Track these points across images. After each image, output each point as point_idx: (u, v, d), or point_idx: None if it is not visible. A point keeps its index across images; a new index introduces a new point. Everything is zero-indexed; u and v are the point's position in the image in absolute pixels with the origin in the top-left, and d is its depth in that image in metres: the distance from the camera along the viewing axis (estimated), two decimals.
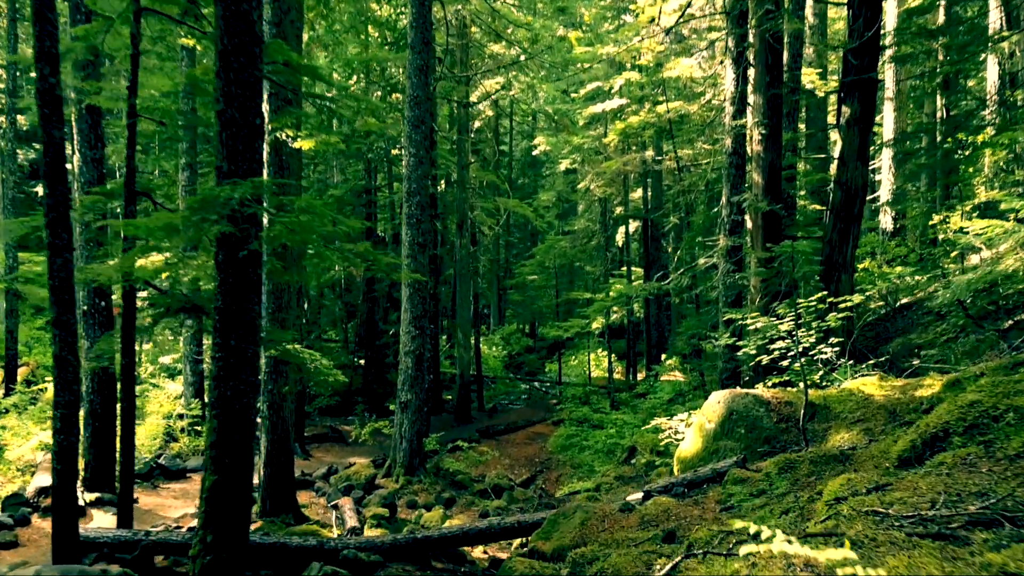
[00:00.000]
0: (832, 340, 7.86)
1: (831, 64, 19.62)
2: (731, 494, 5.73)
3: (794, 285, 10.62)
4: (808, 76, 15.38)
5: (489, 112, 23.95)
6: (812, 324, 7.65)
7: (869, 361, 8.82)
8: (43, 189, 6.50)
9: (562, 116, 24.48)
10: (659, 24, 14.88)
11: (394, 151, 23.26)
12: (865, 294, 11.70)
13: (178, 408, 15.60)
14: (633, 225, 25.39)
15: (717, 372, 12.95)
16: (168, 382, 18.18)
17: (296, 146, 9.20)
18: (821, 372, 8.56)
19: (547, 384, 25.59)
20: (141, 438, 13.64)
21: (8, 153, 18.07)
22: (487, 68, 20.31)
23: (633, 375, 24.06)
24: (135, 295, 7.64)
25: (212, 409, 5.39)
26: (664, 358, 22.49)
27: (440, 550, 7.57)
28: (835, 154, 11.71)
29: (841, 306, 7.81)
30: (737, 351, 9.86)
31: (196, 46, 12.14)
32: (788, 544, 1.69)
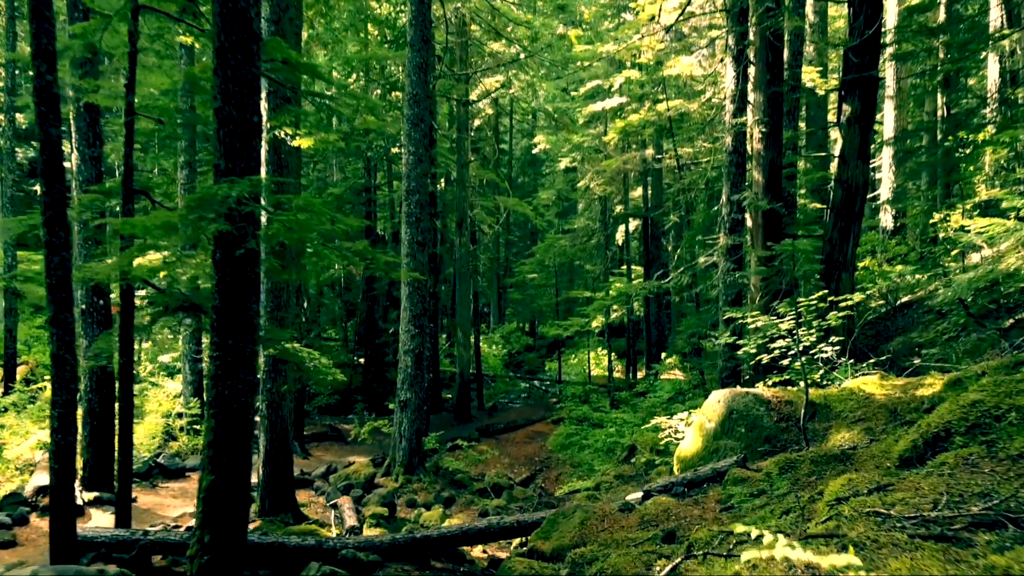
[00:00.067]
0: (833, 339, 7.83)
1: (831, 62, 19.58)
2: (731, 494, 5.70)
3: (794, 284, 10.60)
4: (808, 74, 15.35)
5: (489, 110, 23.91)
6: (812, 323, 7.62)
7: (870, 360, 8.79)
8: (40, 187, 6.47)
9: (562, 114, 24.44)
10: (659, 22, 14.84)
11: (394, 149, 23.22)
12: (866, 293, 11.68)
13: (177, 407, 15.57)
14: (633, 223, 25.36)
15: (717, 371, 12.92)
16: (167, 381, 18.15)
17: (295, 144, 9.17)
18: (822, 371, 8.53)
19: (547, 383, 25.57)
20: (140, 437, 13.61)
21: (7, 151, 18.03)
22: (487, 66, 20.26)
23: (633, 374, 24.03)
24: (133, 294, 7.62)
25: (210, 408, 5.36)
26: (664, 357, 22.47)
27: (439, 549, 7.55)
28: (835, 152, 11.68)
29: (842, 305, 7.78)
30: (737, 350, 9.83)
31: (194, 44, 12.10)
32: (791, 549, 1.66)
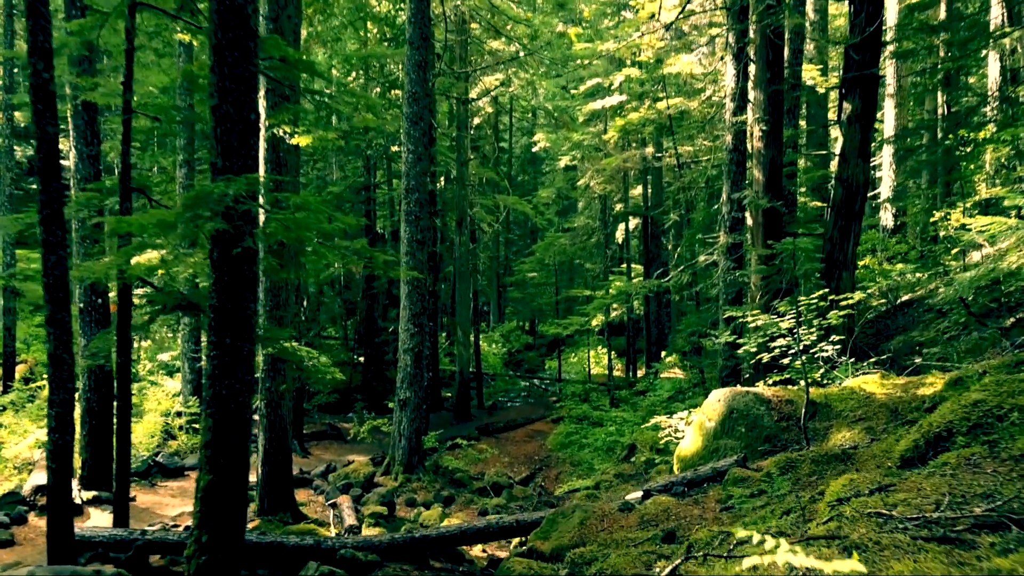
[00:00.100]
0: (833, 338, 7.80)
1: (832, 60, 19.53)
2: (731, 494, 5.67)
3: (795, 282, 10.56)
4: (809, 72, 15.31)
5: (489, 109, 23.86)
6: (813, 322, 7.59)
7: (870, 359, 8.76)
8: (37, 186, 6.43)
9: (562, 113, 24.41)
10: (659, 20, 14.80)
11: (393, 148, 23.18)
12: (867, 291, 11.64)
13: (176, 406, 15.54)
14: (633, 222, 25.32)
15: (717, 370, 12.90)
16: (166, 379, 18.11)
17: (293, 142, 9.13)
18: (822, 370, 8.50)
19: (547, 381, 25.54)
20: (139, 436, 13.58)
21: (5, 149, 17.97)
22: (486, 64, 20.22)
23: (633, 372, 24.01)
24: (131, 292, 7.58)
25: (207, 408, 5.33)
26: (664, 355, 22.45)
27: (438, 549, 7.52)
28: (836, 151, 11.65)
29: (842, 304, 7.75)
30: (737, 349, 9.80)
31: (192, 41, 12.05)
32: (793, 555, 1.63)
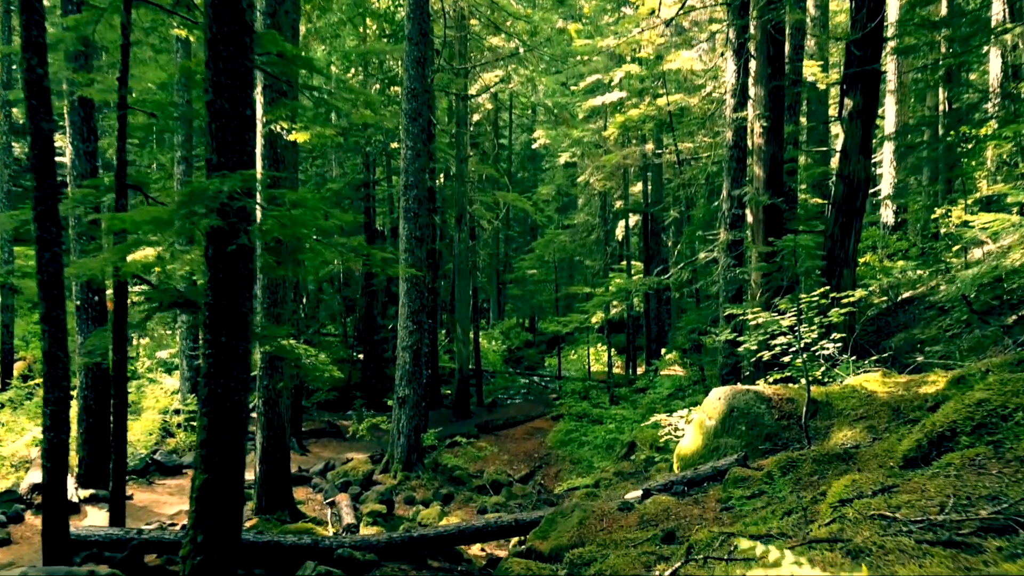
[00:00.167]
0: (834, 336, 7.75)
1: (833, 56, 19.45)
2: (732, 493, 5.62)
3: (796, 280, 10.51)
4: (810, 68, 15.24)
5: (488, 105, 23.78)
6: (814, 319, 7.54)
7: (871, 357, 8.71)
8: (31, 182, 6.37)
9: (562, 109, 24.34)
10: (659, 16, 14.72)
11: (393, 145, 23.10)
12: (868, 289, 11.59)
13: (175, 403, 15.48)
14: (633, 219, 25.25)
15: (717, 367, 12.85)
16: (165, 377, 18.06)
17: (291, 139, 9.06)
18: (823, 368, 8.45)
19: (546, 379, 25.50)
20: (137, 433, 13.53)
21: (3, 146, 17.92)
22: (486, 60, 20.13)
23: (633, 370, 23.96)
24: (127, 290, 7.53)
25: (203, 407, 5.28)
26: (664, 353, 22.40)
27: (436, 548, 7.47)
28: (837, 147, 11.58)
29: (843, 301, 7.70)
30: (738, 346, 9.75)
31: (189, 37, 11.98)
32: (798, 567, 1.58)
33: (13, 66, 19.64)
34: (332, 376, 11.31)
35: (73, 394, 11.18)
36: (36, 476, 10.12)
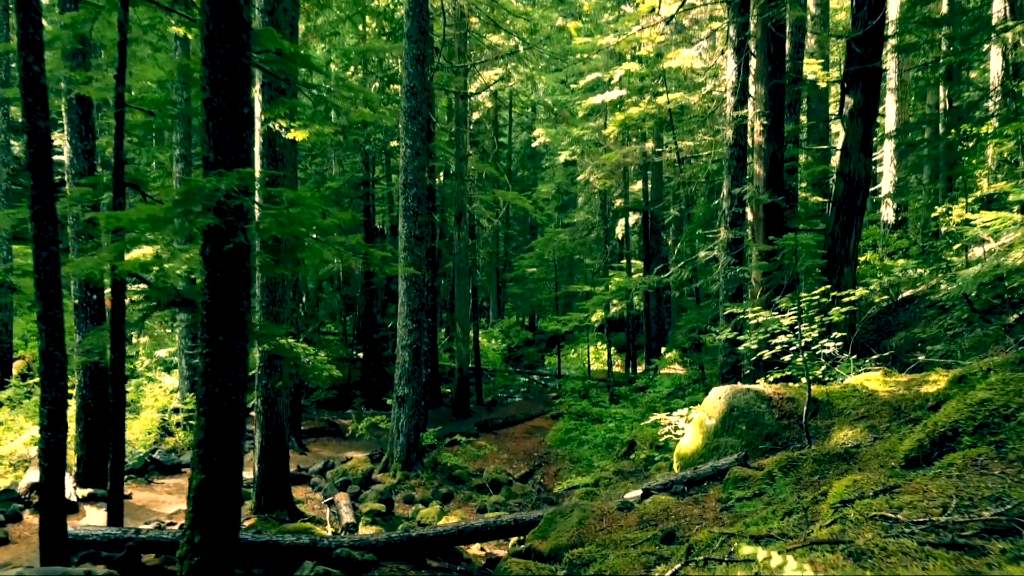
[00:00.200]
0: (835, 334, 7.72)
1: (833, 55, 19.40)
2: (732, 493, 5.59)
3: (796, 278, 10.47)
4: (810, 66, 15.19)
5: (488, 103, 23.73)
6: (814, 318, 7.51)
7: (872, 356, 8.68)
8: (28, 181, 6.34)
9: (561, 107, 24.30)
10: (659, 14, 14.67)
11: (392, 143, 23.06)
12: (868, 288, 11.55)
13: (174, 402, 15.45)
14: (633, 218, 25.21)
15: (717, 366, 12.82)
16: (164, 375, 18.02)
17: (289, 137, 9.02)
18: (824, 367, 8.42)
19: (546, 377, 25.48)
20: (136, 432, 13.50)
21: (1, 144, 17.88)
22: (485, 59, 20.08)
23: (633, 368, 23.94)
24: (124, 289, 7.50)
25: (200, 407, 5.25)
26: (664, 351, 22.37)
27: (435, 548, 7.45)
28: (837, 146, 11.54)
29: (844, 300, 7.67)
30: (738, 345, 9.72)
31: (188, 35, 11.93)
32: (800, 573, 1.55)
33: (12, 64, 19.60)
34: (331, 375, 11.27)
35: (72, 393, 11.17)
36: (34, 475, 10.08)
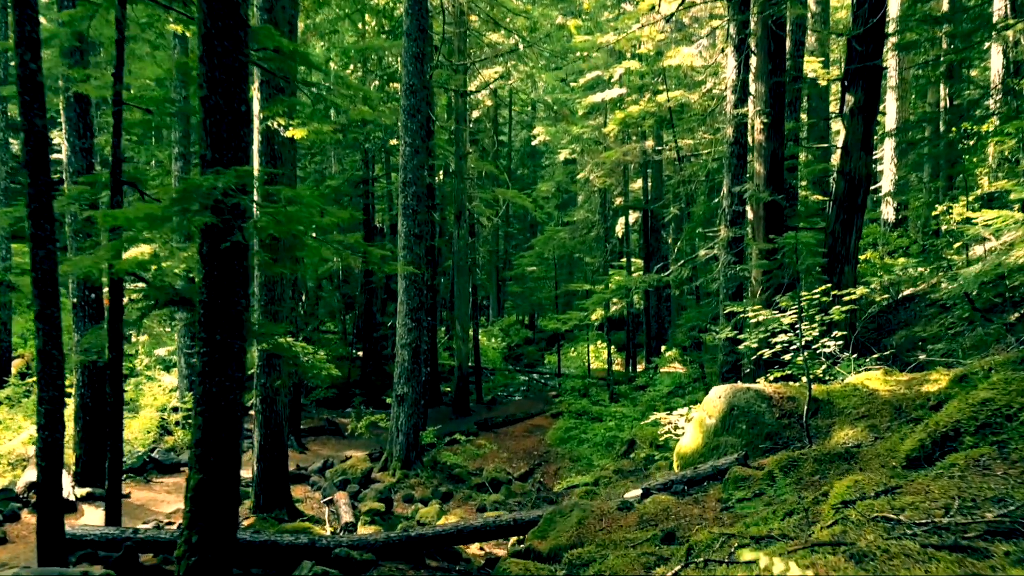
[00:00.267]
0: (835, 333, 7.70)
1: (833, 53, 19.36)
2: (732, 493, 5.56)
3: (796, 277, 10.45)
4: (810, 64, 15.16)
5: (488, 102, 23.69)
6: (815, 317, 7.49)
7: (873, 355, 8.65)
8: (25, 179, 6.31)
9: (561, 105, 24.24)
10: (659, 12, 14.64)
11: (392, 141, 23.01)
12: (869, 286, 11.53)
13: (173, 401, 15.41)
14: (633, 216, 25.18)
15: (717, 365, 12.79)
16: (163, 374, 17.99)
17: (288, 135, 8.99)
18: (824, 366, 8.40)
19: (546, 376, 25.45)
20: (135, 431, 13.48)
21: (1, 143, 17.83)
22: (485, 57, 20.03)
23: (632, 367, 23.91)
24: (122, 287, 7.46)
25: (197, 406, 5.22)
26: (664, 350, 22.35)
27: (435, 548, 7.43)
28: (837, 144, 11.52)
29: (845, 299, 7.65)
30: (738, 344, 9.69)
31: (186, 33, 11.90)
32: None
33: (11, 63, 19.57)
34: (330, 374, 11.24)
35: (70, 392, 11.14)
36: (33, 474, 10.06)
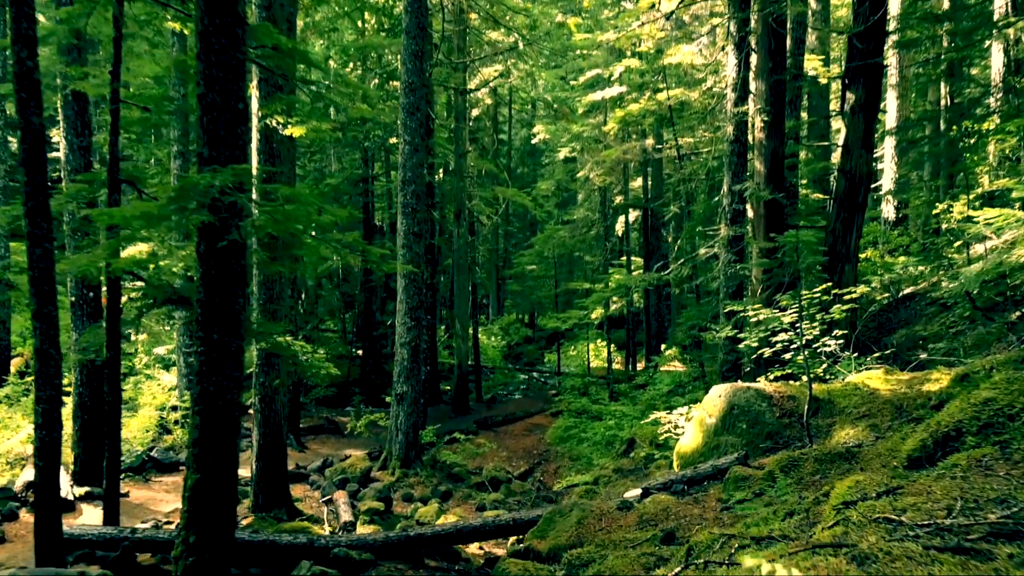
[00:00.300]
0: (836, 332, 7.67)
1: (834, 51, 19.32)
2: (733, 494, 5.54)
3: (797, 276, 10.42)
4: (811, 62, 15.11)
5: (488, 100, 23.64)
6: (815, 316, 7.46)
7: (873, 354, 8.62)
8: (22, 177, 6.29)
9: (561, 104, 24.19)
10: (659, 10, 14.61)
11: (391, 139, 22.98)
12: (870, 285, 11.50)
13: (172, 400, 15.38)
14: (633, 214, 25.15)
15: (717, 363, 12.77)
16: (163, 373, 17.96)
17: (287, 133, 8.96)
18: (824, 365, 8.37)
19: (546, 374, 25.43)
20: (134, 430, 13.45)
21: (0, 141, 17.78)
22: (485, 55, 19.99)
23: (632, 366, 23.88)
24: (120, 286, 7.44)
25: (195, 405, 5.20)
26: (664, 349, 22.31)
27: (434, 547, 7.40)
28: (838, 142, 11.48)
29: (845, 298, 7.62)
30: (738, 343, 9.67)
31: (184, 30, 11.86)
32: None
33: (8, 60, 19.53)
34: (330, 373, 11.23)
35: (69, 391, 11.11)
36: (31, 473, 10.04)
